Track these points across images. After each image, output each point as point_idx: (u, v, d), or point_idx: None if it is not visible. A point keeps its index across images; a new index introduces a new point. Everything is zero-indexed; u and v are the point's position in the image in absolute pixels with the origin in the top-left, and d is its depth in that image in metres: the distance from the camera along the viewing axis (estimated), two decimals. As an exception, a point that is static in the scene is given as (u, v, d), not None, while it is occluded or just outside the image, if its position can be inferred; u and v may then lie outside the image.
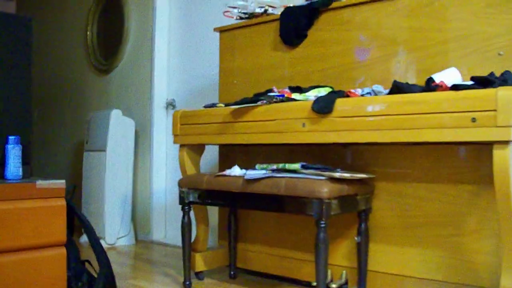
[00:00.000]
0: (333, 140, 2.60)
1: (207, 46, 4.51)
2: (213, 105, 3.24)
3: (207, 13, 4.54)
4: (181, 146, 3.31)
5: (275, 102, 2.86)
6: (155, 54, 4.81)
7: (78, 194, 4.89)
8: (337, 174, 2.57)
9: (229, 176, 2.91)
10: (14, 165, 2.51)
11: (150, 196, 4.82)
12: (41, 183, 2.42)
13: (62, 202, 2.49)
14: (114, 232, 4.55)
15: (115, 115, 4.57)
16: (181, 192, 3.11)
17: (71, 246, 2.60)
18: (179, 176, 4.51)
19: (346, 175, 2.59)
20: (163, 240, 4.76)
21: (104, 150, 4.53)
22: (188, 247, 3.16)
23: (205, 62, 4.51)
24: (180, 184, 3.12)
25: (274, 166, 2.82)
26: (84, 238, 4.60)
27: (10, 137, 2.51)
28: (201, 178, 3.01)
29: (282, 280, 3.33)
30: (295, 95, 2.89)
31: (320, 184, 2.52)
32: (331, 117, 2.61)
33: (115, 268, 2.69)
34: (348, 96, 2.69)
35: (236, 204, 2.96)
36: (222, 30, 3.70)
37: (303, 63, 3.23)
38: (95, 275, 2.68)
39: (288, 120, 2.75)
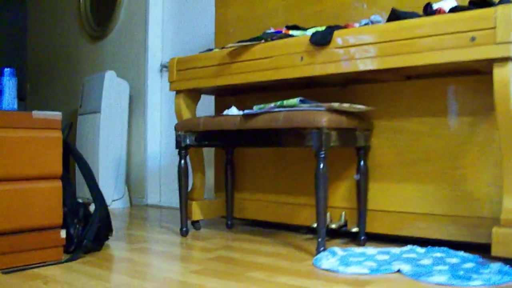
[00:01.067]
0: (332, 71, 2.58)
1: (201, 7, 4.48)
2: (209, 50, 3.22)
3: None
4: (177, 93, 3.29)
5: (273, 39, 2.84)
6: (149, 17, 4.78)
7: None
8: (335, 104, 2.55)
9: (227, 115, 2.88)
10: (9, 97, 2.48)
11: (145, 160, 4.79)
12: (37, 113, 2.39)
13: (58, 134, 2.45)
14: (108, 194, 4.52)
15: (110, 76, 4.54)
16: (177, 136, 3.08)
17: (66, 182, 2.57)
18: (173, 140, 4.50)
19: (345, 105, 2.57)
20: (158, 203, 4.73)
21: (98, 112, 4.50)
22: (185, 192, 3.13)
23: (201, 24, 4.49)
24: (177, 127, 3.09)
25: (272, 104, 2.79)
26: None
27: (5, 69, 2.48)
28: (197, 120, 2.98)
29: (280, 228, 3.32)
30: (293, 32, 2.86)
31: (319, 114, 2.50)
32: (329, 48, 2.59)
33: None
34: (346, 28, 2.67)
35: (234, 142, 2.94)
36: (216, -21, 3.69)
37: (299, 7, 3.20)
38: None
39: (286, 56, 2.73)
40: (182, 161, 3.10)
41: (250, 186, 3.41)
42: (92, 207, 2.71)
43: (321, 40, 2.59)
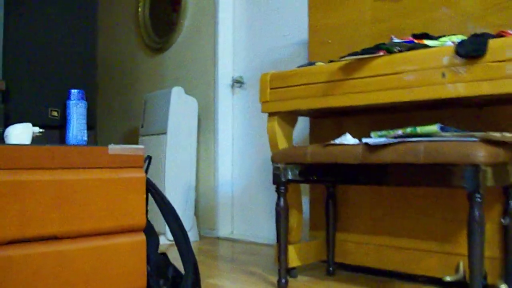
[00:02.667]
0: (488, 91, 2.02)
1: (278, 15, 3.95)
2: (310, 64, 2.67)
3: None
4: (271, 115, 2.75)
5: (400, 51, 2.28)
6: (218, 27, 4.27)
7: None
8: (496, 134, 1.99)
9: (342, 145, 2.33)
10: (78, 127, 1.97)
11: (215, 187, 4.26)
12: (114, 148, 1.86)
13: (141, 174, 1.93)
14: (176, 226, 3.99)
15: (177, 92, 4.03)
16: (275, 169, 2.54)
17: (149, 232, 2.04)
18: (247, 163, 4.00)
19: (508, 135, 2.00)
20: (230, 236, 4.20)
21: (164, 133, 3.99)
22: (284, 237, 2.59)
23: (277, 32, 3.96)
24: (275, 158, 2.55)
25: (399, 131, 2.23)
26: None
27: (72, 90, 1.97)
28: (303, 150, 2.44)
29: (393, 276, 2.75)
30: (427, 42, 2.30)
31: (473, 147, 1.94)
32: (482, 62, 2.03)
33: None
34: (502, 36, 2.10)
35: (353, 179, 2.37)
36: (309, -18, 3.14)
37: (416, 13, 2.64)
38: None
39: (422, 71, 2.18)
40: (282, 200, 2.55)
41: (356, 226, 2.85)
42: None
43: (474, 52, 2.03)
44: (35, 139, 1.89)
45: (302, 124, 3.31)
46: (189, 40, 4.55)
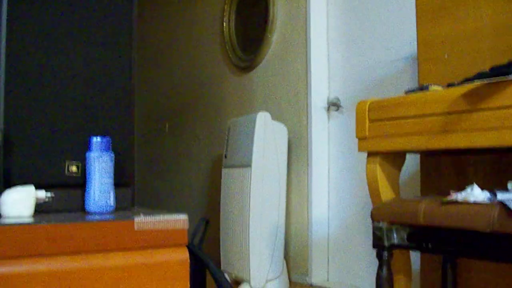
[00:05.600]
0: None
1: (380, 25, 3.33)
2: (422, 89, 2.05)
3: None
4: (370, 155, 2.15)
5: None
6: (310, 44, 3.69)
7: (214, 226, 3.86)
8: None
9: (467, 203, 1.69)
10: (100, 187, 1.46)
11: (308, 227, 3.67)
12: (142, 222, 1.32)
13: (184, 255, 1.37)
14: (262, 273, 3.45)
15: (262, 119, 3.49)
16: (376, 229, 1.93)
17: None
18: (345, 200, 3.43)
19: None
20: (325, 284, 3.60)
21: (248, 166, 3.46)
22: (388, 316, 1.97)
23: (379, 46, 3.34)
24: (375, 215, 1.94)
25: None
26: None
27: (93, 138, 1.46)
28: (414, 207, 1.81)
29: None
30: None
31: None
32: None
33: None
34: None
35: (484, 253, 1.71)
36: (417, -14, 2.51)
37: None
38: None
39: None
40: (385, 269, 1.94)
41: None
42: None
43: None
44: (45, 207, 1.40)
45: (410, 158, 2.69)
46: (278, 57, 4.01)
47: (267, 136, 3.50)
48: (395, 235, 1.89)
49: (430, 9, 2.45)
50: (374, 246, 1.96)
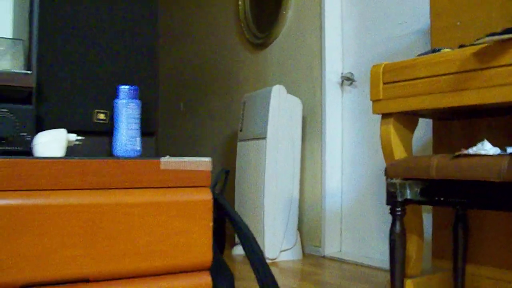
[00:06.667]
0: None
1: (391, 2, 3.37)
2: (434, 52, 2.10)
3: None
4: (385, 117, 2.21)
5: None
6: (324, 19, 3.74)
7: (229, 199, 3.93)
8: None
9: (479, 155, 1.75)
10: (127, 133, 1.53)
11: (322, 199, 3.73)
12: (168, 161, 1.39)
13: (207, 196, 1.45)
14: (276, 244, 3.52)
15: (278, 91, 3.55)
16: (390, 185, 2.00)
17: (221, 271, 1.57)
18: (358, 172, 3.49)
19: None
20: (337, 255, 3.66)
21: (264, 138, 3.52)
22: (401, 270, 2.03)
23: (392, 21, 3.38)
24: (390, 172, 2.01)
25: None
26: (238, 250, 3.61)
27: (121, 87, 1.54)
28: (427, 162, 1.88)
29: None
30: None
31: None
32: None
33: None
34: None
35: (495, 203, 1.77)
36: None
37: None
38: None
39: None
40: (398, 224, 2.00)
41: (492, 257, 2.24)
42: None
43: None
44: (75, 151, 1.48)
45: (422, 127, 2.74)
46: (293, 33, 4.06)
47: (282, 108, 3.56)
48: (408, 191, 1.95)
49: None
50: (387, 202, 2.02)
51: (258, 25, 4.46)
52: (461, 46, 2.01)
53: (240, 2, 4.62)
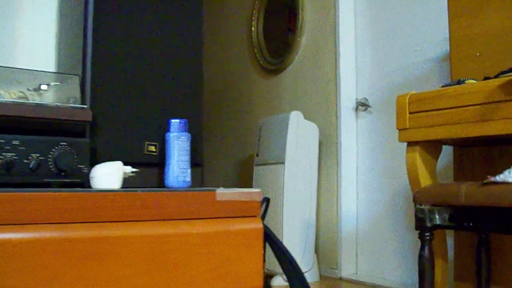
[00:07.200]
0: None
1: (408, 27, 3.48)
2: (458, 83, 2.20)
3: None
4: (410, 145, 2.30)
5: None
6: (339, 44, 3.85)
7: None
8: None
9: (506, 183, 1.84)
10: (178, 165, 1.61)
11: (338, 222, 3.81)
12: (223, 193, 1.48)
13: (258, 225, 1.54)
14: (295, 266, 3.58)
15: (295, 117, 3.65)
16: (419, 211, 2.08)
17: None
18: (373, 196, 3.54)
19: None
20: (354, 277, 3.73)
21: (282, 163, 3.61)
22: (430, 293, 2.11)
23: (407, 47, 3.48)
24: (418, 198, 2.09)
25: None
26: (278, 281, 3.53)
27: (172, 120, 1.63)
28: (455, 189, 1.96)
29: None
30: None
31: None
32: None
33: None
34: None
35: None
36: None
37: None
38: None
39: None
40: (427, 248, 2.09)
41: (517, 280, 2.32)
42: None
43: None
44: (127, 182, 1.56)
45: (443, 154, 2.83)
46: (307, 59, 4.17)
47: (299, 134, 3.65)
48: (437, 216, 2.03)
49: (463, 8, 2.59)
50: (416, 228, 2.10)
51: (272, 52, 4.56)
52: (485, 78, 2.11)
53: (253, 29, 4.72)
